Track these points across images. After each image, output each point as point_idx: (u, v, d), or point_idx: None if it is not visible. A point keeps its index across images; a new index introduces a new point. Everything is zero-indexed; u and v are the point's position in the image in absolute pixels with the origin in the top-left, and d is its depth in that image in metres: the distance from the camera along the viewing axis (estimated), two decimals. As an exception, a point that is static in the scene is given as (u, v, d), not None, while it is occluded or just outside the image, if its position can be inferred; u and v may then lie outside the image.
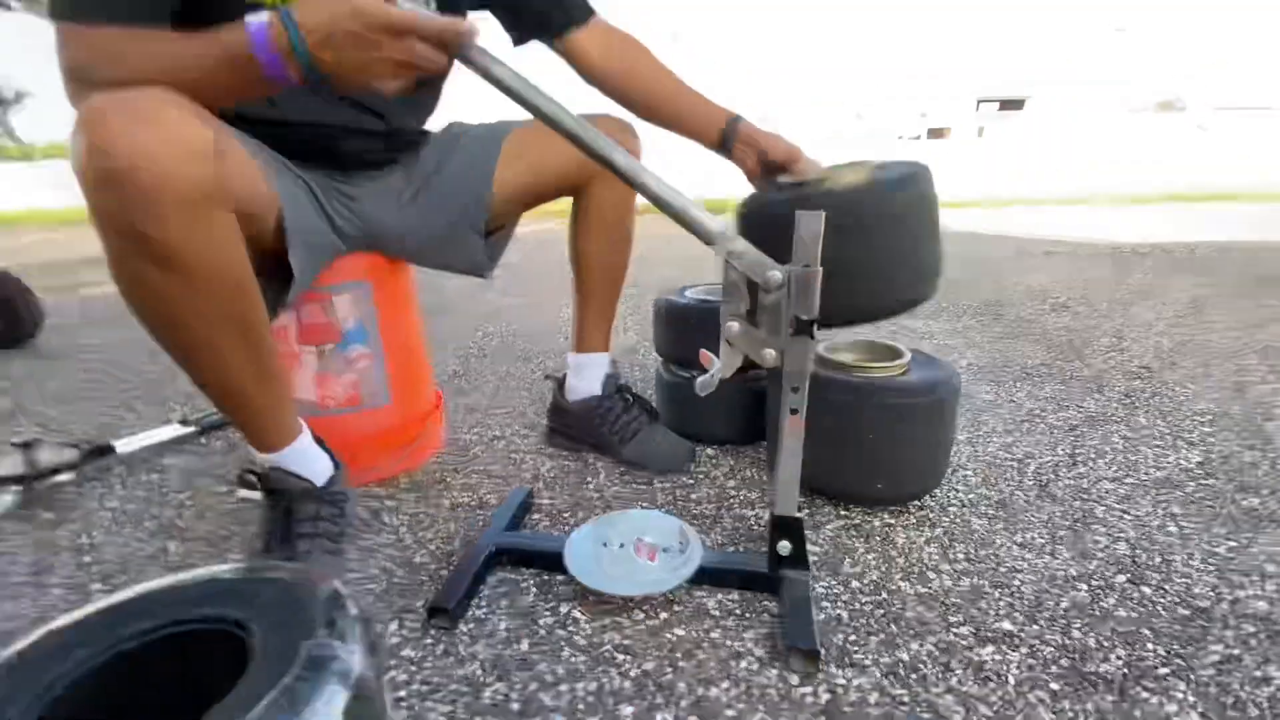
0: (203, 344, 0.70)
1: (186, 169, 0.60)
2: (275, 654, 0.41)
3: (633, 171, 0.66)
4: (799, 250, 0.63)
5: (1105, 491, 0.96)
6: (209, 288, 0.66)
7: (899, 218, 0.81)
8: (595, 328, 1.13)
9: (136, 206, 0.59)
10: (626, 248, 1.09)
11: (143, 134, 0.58)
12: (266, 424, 0.80)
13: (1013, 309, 2.14)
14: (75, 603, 0.77)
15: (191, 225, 0.63)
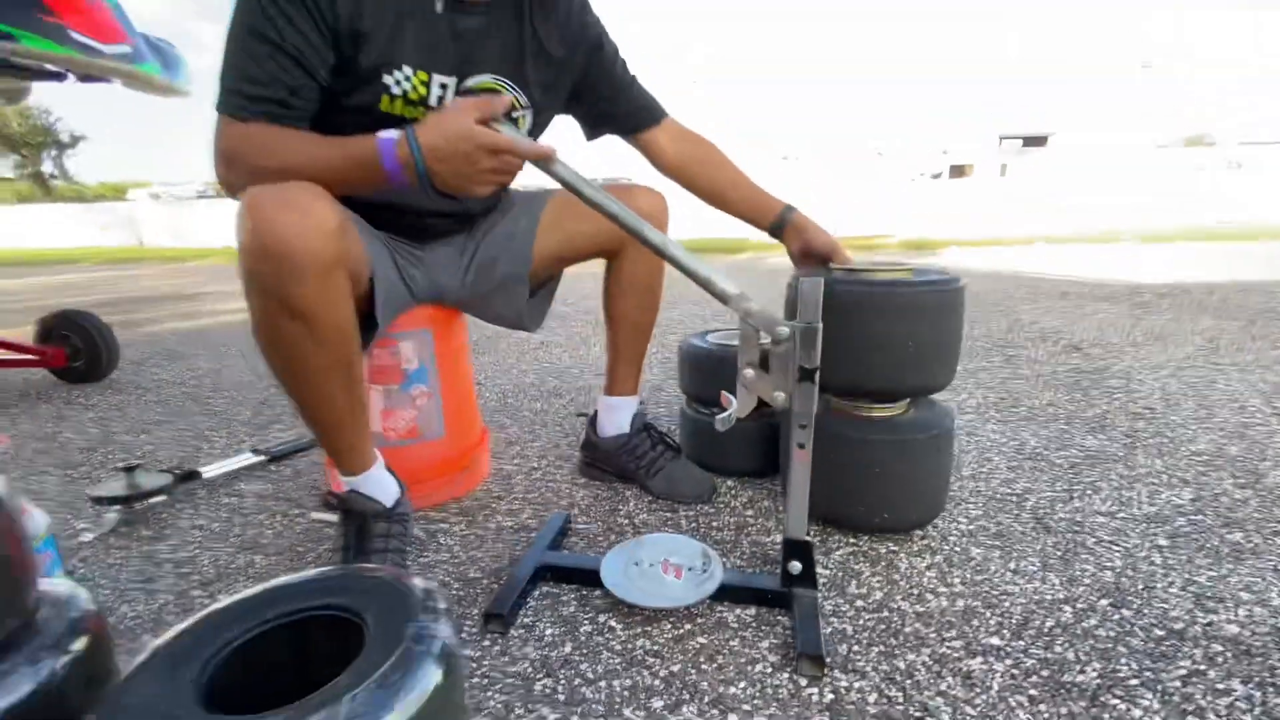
0: (317, 383, 0.86)
1: (322, 244, 0.76)
2: (385, 635, 0.52)
3: (663, 245, 0.79)
4: (802, 310, 0.74)
5: (1097, 525, 1.04)
6: (328, 336, 0.82)
7: (929, 310, 0.93)
8: (625, 375, 1.25)
9: (285, 273, 0.75)
10: (654, 307, 1.21)
11: (292, 218, 0.74)
12: (353, 451, 0.94)
13: (1024, 350, 2.21)
14: (181, 605, 0.89)
15: (323, 287, 0.79)
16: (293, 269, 0.75)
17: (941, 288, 0.93)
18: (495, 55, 0.95)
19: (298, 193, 0.76)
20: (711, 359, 1.26)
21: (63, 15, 1.39)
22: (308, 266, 0.75)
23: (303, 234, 0.74)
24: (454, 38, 0.90)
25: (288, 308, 0.77)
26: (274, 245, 0.74)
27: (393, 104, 0.89)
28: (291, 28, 0.79)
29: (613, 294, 1.20)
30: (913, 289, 0.92)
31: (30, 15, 1.33)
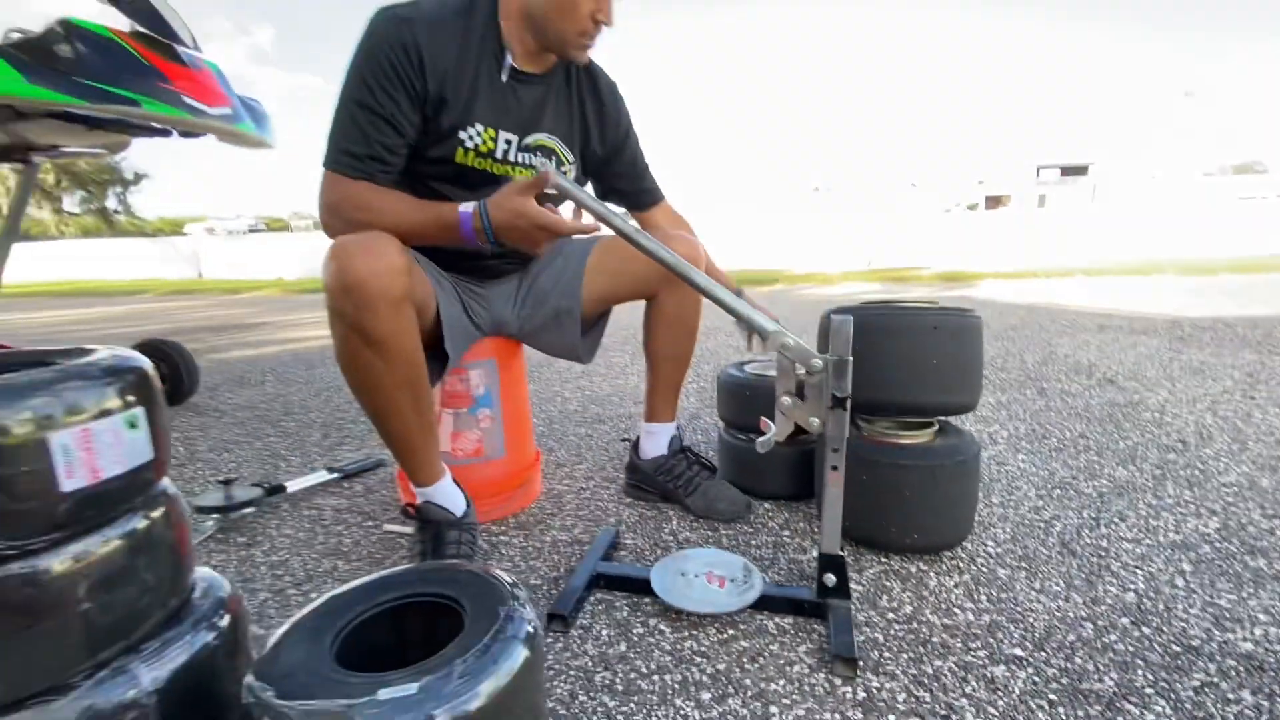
0: (389, 401, 1.01)
1: (391, 281, 0.92)
2: (481, 617, 0.63)
3: (709, 288, 0.90)
4: (834, 344, 0.84)
5: (1122, 550, 1.09)
6: (397, 359, 0.97)
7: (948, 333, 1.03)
8: (664, 404, 1.35)
9: (362, 306, 0.91)
10: (691, 343, 1.32)
11: (367, 261, 0.90)
12: (424, 463, 1.07)
13: (1057, 383, 2.24)
14: (279, 601, 1.01)
15: (393, 318, 0.94)
16: (367, 302, 0.91)
17: (960, 313, 1.04)
18: (550, 118, 1.13)
19: (372, 240, 0.92)
20: (748, 388, 1.35)
21: (177, 82, 1.59)
22: (379, 300, 0.91)
23: (375, 273, 0.90)
24: (517, 102, 1.08)
25: (363, 335, 0.93)
26: (352, 283, 0.90)
27: (466, 155, 1.06)
28: (388, 98, 0.96)
29: (652, 331, 1.30)
30: (934, 313, 1.03)
31: (152, 83, 1.54)
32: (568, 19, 0.99)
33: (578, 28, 1.00)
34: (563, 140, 1.15)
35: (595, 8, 0.99)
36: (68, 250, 14.41)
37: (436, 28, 0.97)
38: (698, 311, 1.29)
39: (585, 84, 1.17)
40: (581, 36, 1.02)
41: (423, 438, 1.06)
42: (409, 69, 0.96)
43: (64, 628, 0.56)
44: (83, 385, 0.55)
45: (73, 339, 4.43)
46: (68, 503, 0.54)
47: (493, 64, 1.03)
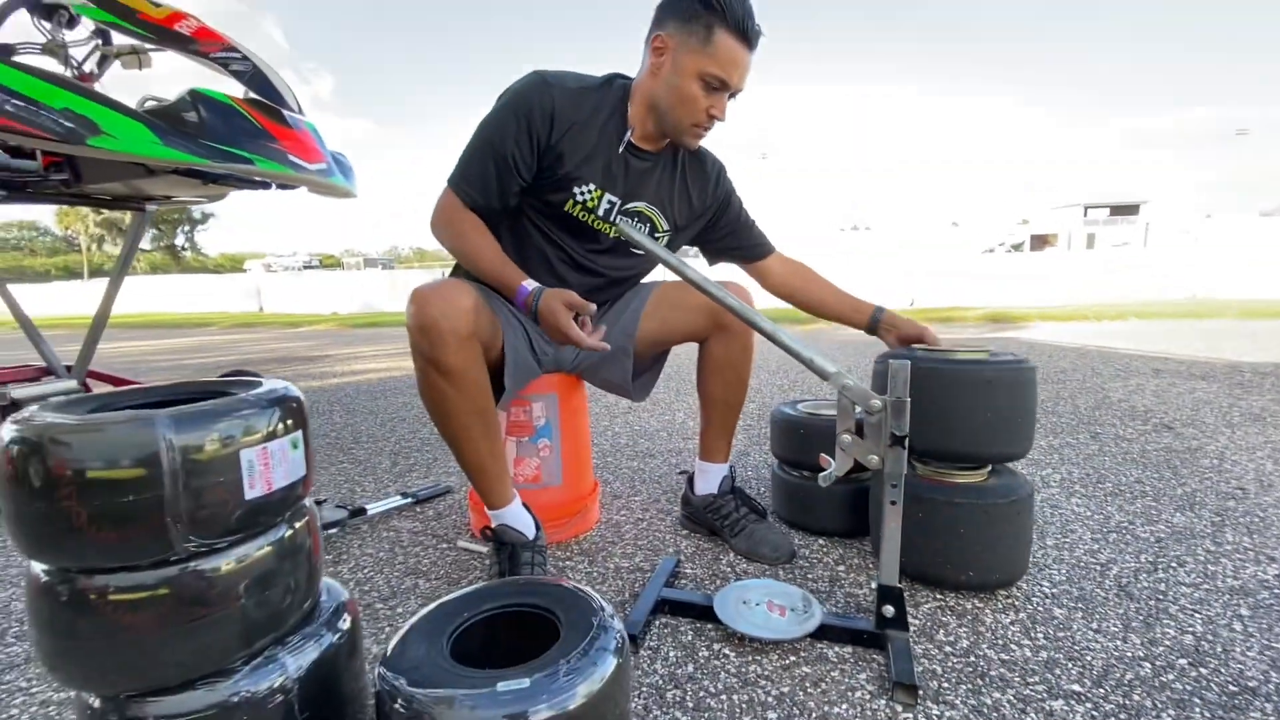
0: (462, 428, 1.13)
1: (460, 322, 1.07)
2: (575, 627, 0.70)
3: (773, 332, 0.98)
4: (893, 386, 0.90)
5: (1180, 594, 1.10)
6: (468, 389, 1.11)
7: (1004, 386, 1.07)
8: (716, 445, 1.41)
9: (436, 343, 1.06)
10: (742, 390, 1.37)
11: (440, 305, 1.06)
12: (495, 487, 1.18)
13: (1111, 428, 2.22)
14: (369, 615, 1.10)
15: (461, 352, 1.08)
16: (440, 339, 1.05)
17: (1015, 366, 1.08)
18: (652, 190, 1.26)
19: (445, 286, 1.09)
20: (802, 425, 1.41)
21: (283, 142, 1.78)
22: (449, 336, 1.06)
23: (446, 315, 1.05)
24: (626, 172, 1.22)
25: (438, 367, 1.08)
26: (428, 323, 1.05)
27: (574, 207, 1.21)
28: (516, 147, 1.13)
29: (704, 375, 1.38)
30: (990, 366, 1.07)
31: (263, 143, 1.72)
32: (687, 112, 1.13)
33: (693, 120, 1.14)
34: (660, 210, 1.28)
35: (711, 104, 1.13)
36: (139, 284, 15.37)
37: (574, 94, 1.15)
38: (747, 359, 1.35)
39: (692, 164, 1.31)
40: (695, 128, 1.16)
41: (494, 462, 1.18)
42: (540, 127, 1.12)
43: (229, 619, 0.66)
44: (260, 410, 0.66)
45: (156, 369, 4.75)
46: (245, 510, 0.64)
47: (614, 137, 1.19)
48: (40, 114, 1.36)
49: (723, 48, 1.07)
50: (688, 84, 1.10)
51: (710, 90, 1.11)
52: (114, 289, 2.36)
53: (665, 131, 1.19)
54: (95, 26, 1.86)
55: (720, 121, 1.16)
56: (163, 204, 2.29)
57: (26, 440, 0.58)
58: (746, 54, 1.10)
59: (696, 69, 1.09)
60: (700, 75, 1.09)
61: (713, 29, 1.07)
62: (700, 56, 1.08)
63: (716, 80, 1.10)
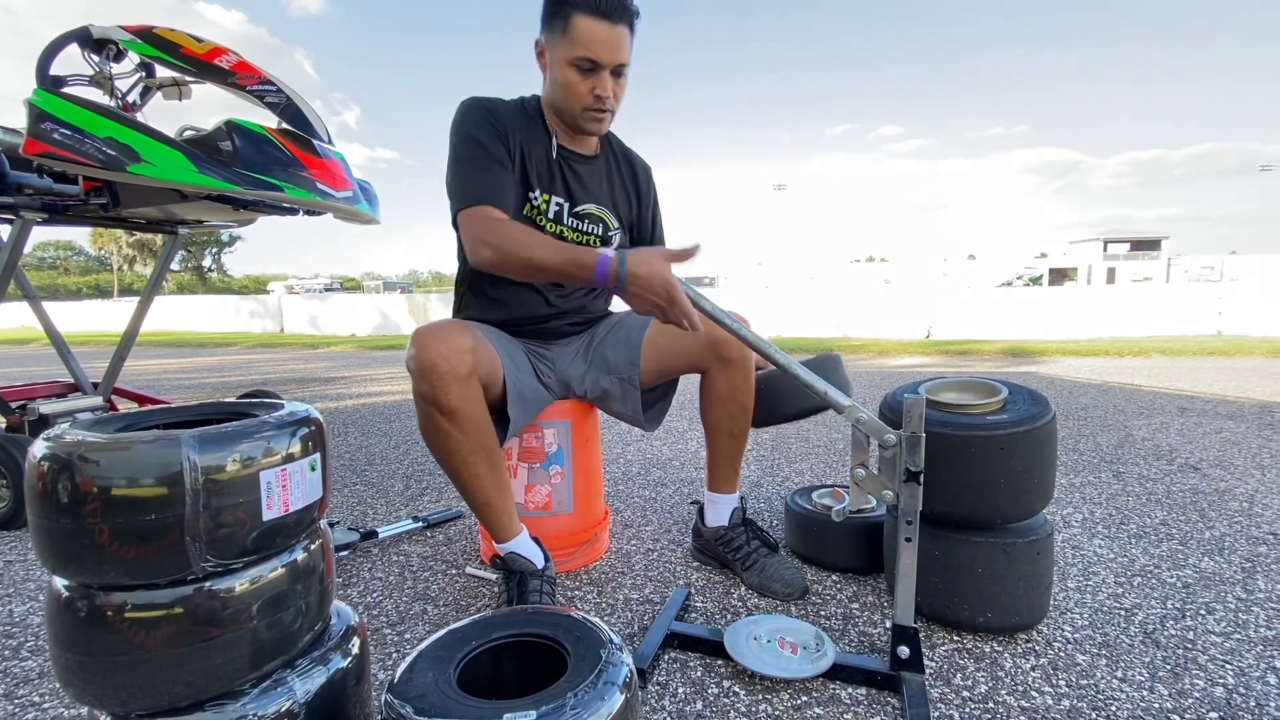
0: (466, 465, 1.14)
1: (459, 361, 1.08)
2: (584, 658, 0.69)
3: (787, 364, 0.98)
4: (907, 421, 0.90)
5: (1210, 644, 1.06)
6: (470, 427, 1.11)
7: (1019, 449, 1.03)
8: (724, 475, 1.39)
9: (436, 384, 1.07)
10: (746, 417, 1.34)
11: (439, 345, 1.08)
12: (502, 521, 1.19)
13: (1135, 468, 2.17)
14: (376, 640, 1.10)
15: (461, 391, 1.09)
16: (439, 380, 1.07)
17: (1030, 425, 1.03)
18: (595, 192, 1.32)
19: (443, 328, 1.11)
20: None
21: (313, 171, 1.84)
22: (449, 377, 1.07)
23: (444, 356, 1.07)
24: (565, 175, 1.27)
25: (439, 407, 1.09)
26: (428, 365, 1.07)
27: (533, 211, 1.25)
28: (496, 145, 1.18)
29: (707, 406, 1.35)
30: (1004, 428, 1.03)
31: (293, 172, 1.78)
32: (572, 99, 1.18)
33: (581, 104, 1.18)
34: (610, 210, 1.34)
35: (592, 85, 1.16)
36: (165, 303, 15.73)
37: (505, 107, 1.23)
38: (749, 389, 1.32)
39: (624, 162, 1.38)
40: (588, 112, 1.19)
41: (499, 497, 1.18)
42: (500, 128, 1.19)
43: (240, 640, 0.66)
44: (281, 432, 0.67)
45: (179, 388, 4.83)
46: (262, 531, 0.65)
47: (546, 144, 1.25)
48: (85, 142, 1.42)
49: (580, 29, 1.11)
50: (563, 73, 1.16)
51: (584, 73, 1.15)
52: (143, 309, 2.43)
53: (571, 127, 1.24)
54: (140, 60, 1.96)
55: (610, 99, 1.18)
56: (195, 228, 2.36)
57: (57, 457, 0.60)
58: (607, 27, 1.12)
59: (565, 57, 1.14)
60: (570, 61, 1.14)
61: (570, 17, 1.12)
62: (564, 45, 1.14)
63: (585, 61, 1.13)
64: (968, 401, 1.12)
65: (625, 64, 1.17)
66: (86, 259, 59.97)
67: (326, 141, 1.94)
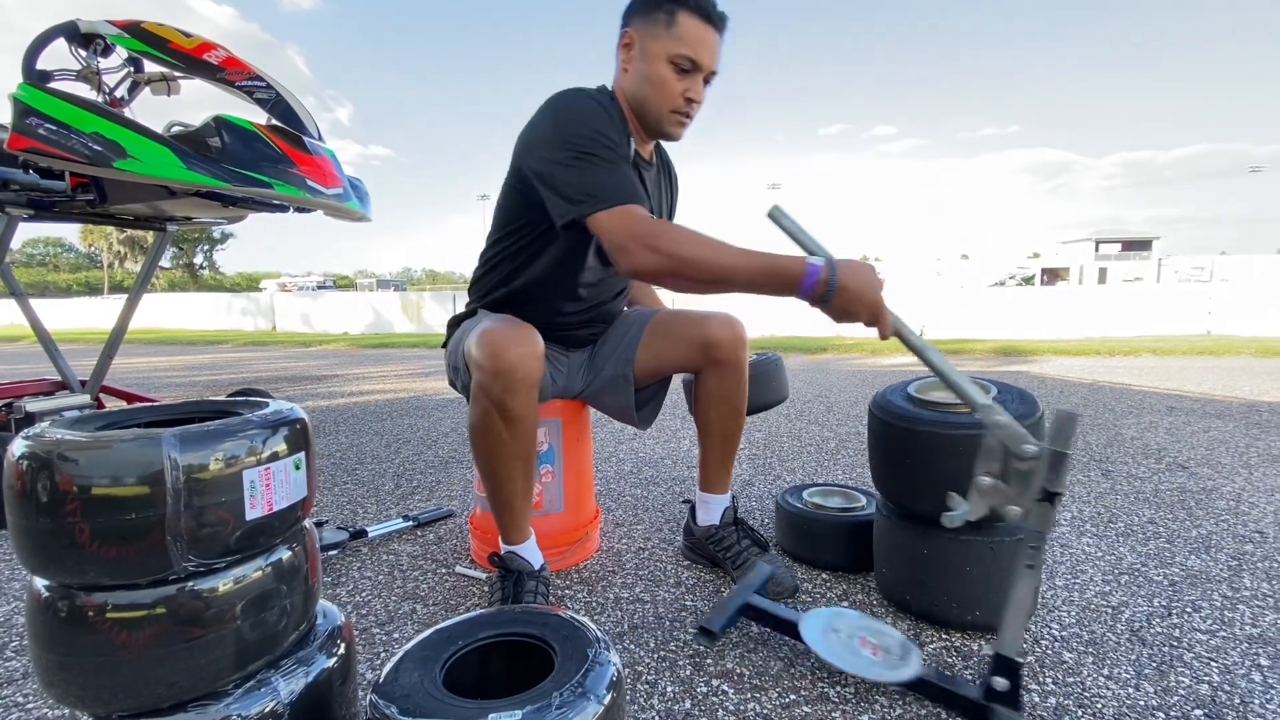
0: (507, 469, 1.13)
1: (535, 367, 1.07)
2: (571, 658, 0.69)
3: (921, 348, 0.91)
4: (1056, 435, 0.80)
5: (1196, 641, 1.06)
6: (521, 433, 1.10)
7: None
8: (716, 475, 1.38)
9: (509, 388, 1.05)
10: (738, 422, 1.34)
11: (520, 349, 1.05)
12: (520, 524, 1.18)
13: (1124, 466, 2.18)
14: (365, 640, 1.09)
15: (528, 397, 1.08)
16: (514, 385, 1.04)
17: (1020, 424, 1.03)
18: (653, 198, 1.29)
19: (521, 332, 1.08)
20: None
21: (302, 167, 1.83)
22: (523, 383, 1.05)
23: (524, 359, 1.05)
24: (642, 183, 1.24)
25: (503, 411, 1.07)
26: (505, 368, 1.04)
27: None
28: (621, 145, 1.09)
29: (700, 407, 1.35)
30: None
31: (282, 168, 1.77)
32: (664, 98, 1.12)
33: (671, 105, 1.13)
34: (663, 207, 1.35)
35: (686, 87, 1.12)
36: (156, 301, 15.61)
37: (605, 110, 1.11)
38: (742, 391, 1.31)
39: (667, 172, 1.37)
40: (675, 114, 1.15)
41: (523, 503, 1.18)
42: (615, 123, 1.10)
43: (224, 640, 0.65)
44: (264, 431, 0.66)
45: (169, 386, 4.80)
46: (245, 530, 0.64)
47: (628, 148, 1.16)
48: (70, 137, 1.41)
49: (688, 27, 1.08)
50: (659, 69, 1.10)
51: (682, 73, 1.11)
52: (131, 306, 2.41)
53: (647, 128, 1.18)
54: (128, 55, 1.94)
55: (698, 105, 1.15)
56: (184, 224, 2.34)
57: (36, 456, 0.59)
58: (712, 33, 1.10)
59: (665, 53, 1.09)
60: (670, 58, 1.09)
61: (675, 13, 1.08)
62: (667, 40, 1.09)
63: (686, 61, 1.10)
64: (956, 400, 1.12)
65: (716, 73, 1.14)
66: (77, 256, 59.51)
67: (317, 138, 1.92)
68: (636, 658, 1.04)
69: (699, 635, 1.02)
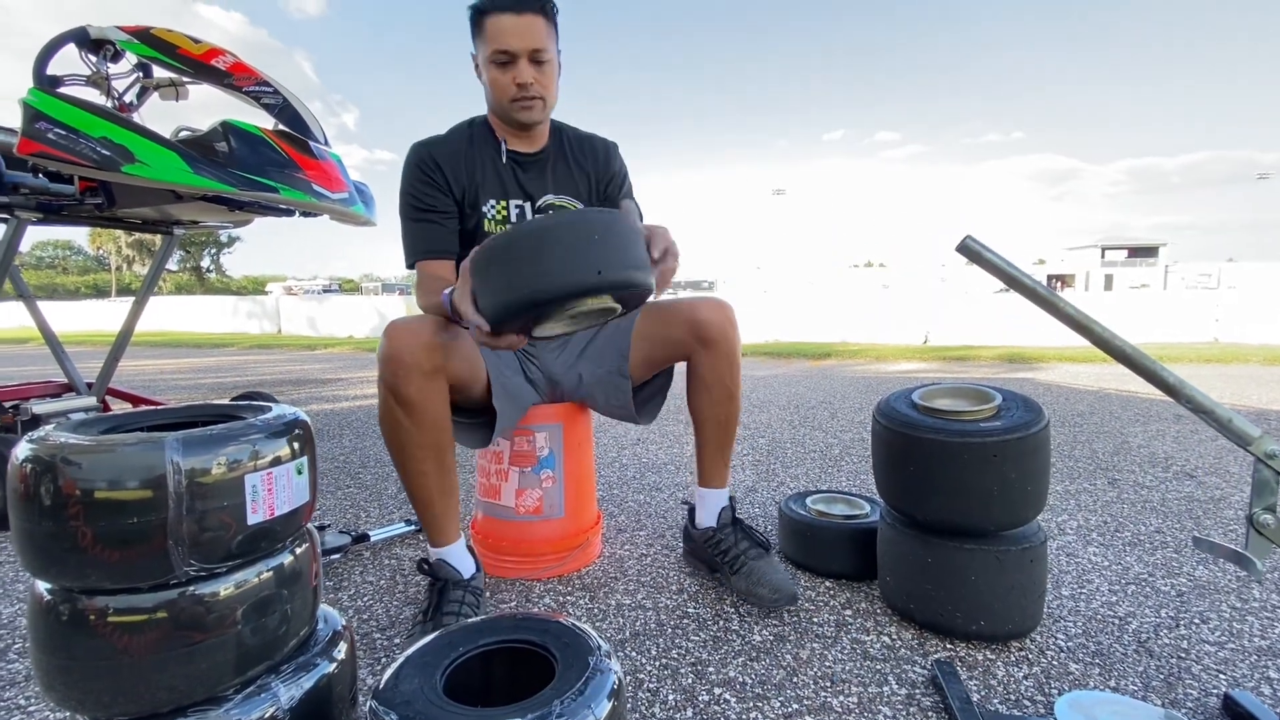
0: (414, 461, 1.15)
1: (424, 356, 1.09)
2: (572, 665, 0.69)
3: (1179, 385, 0.84)
4: None
5: (1204, 653, 1.05)
6: (425, 423, 1.12)
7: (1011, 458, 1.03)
8: (712, 468, 1.36)
9: (398, 375, 1.08)
10: (731, 406, 1.33)
11: (407, 337, 1.09)
12: (441, 524, 1.19)
13: (1130, 474, 2.16)
14: (366, 644, 1.09)
15: (422, 385, 1.10)
16: (403, 371, 1.08)
17: (1023, 432, 1.03)
18: (553, 183, 1.37)
19: (415, 321, 1.12)
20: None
21: (308, 172, 1.84)
22: (413, 370, 1.08)
23: (410, 348, 1.08)
24: (518, 177, 1.33)
25: (397, 398, 1.10)
26: (393, 354, 1.08)
27: (492, 225, 1.31)
28: (430, 197, 1.26)
29: (692, 393, 1.34)
30: (996, 437, 1.03)
31: (289, 173, 1.78)
32: (500, 94, 1.24)
33: (507, 97, 1.24)
34: (573, 197, 1.38)
35: (513, 76, 1.21)
36: (163, 304, 15.70)
37: (444, 140, 1.30)
38: (733, 373, 1.31)
39: (580, 146, 1.42)
40: (514, 103, 1.24)
41: (442, 500, 1.18)
42: (436, 175, 1.27)
43: (224, 645, 0.65)
44: (267, 435, 0.67)
45: (174, 388, 4.82)
46: (247, 535, 0.64)
47: (494, 153, 1.32)
48: (79, 142, 1.42)
49: (491, 27, 1.19)
50: (489, 73, 1.24)
51: (503, 66, 1.22)
52: (138, 309, 2.42)
53: (510, 123, 1.30)
54: (138, 61, 1.95)
55: (534, 85, 1.22)
56: (190, 228, 2.35)
57: (40, 459, 0.59)
58: (513, 18, 1.18)
59: (485, 57, 1.22)
60: (489, 60, 1.22)
61: (482, 21, 1.20)
62: (483, 47, 1.22)
63: (499, 55, 1.20)
64: (961, 408, 1.12)
65: (541, 49, 1.21)
66: (85, 259, 59.95)
67: (323, 143, 1.94)
68: (638, 665, 1.03)
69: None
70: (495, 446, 1.39)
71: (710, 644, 1.10)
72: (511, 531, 1.40)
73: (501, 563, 1.38)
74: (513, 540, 1.39)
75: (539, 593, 1.30)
